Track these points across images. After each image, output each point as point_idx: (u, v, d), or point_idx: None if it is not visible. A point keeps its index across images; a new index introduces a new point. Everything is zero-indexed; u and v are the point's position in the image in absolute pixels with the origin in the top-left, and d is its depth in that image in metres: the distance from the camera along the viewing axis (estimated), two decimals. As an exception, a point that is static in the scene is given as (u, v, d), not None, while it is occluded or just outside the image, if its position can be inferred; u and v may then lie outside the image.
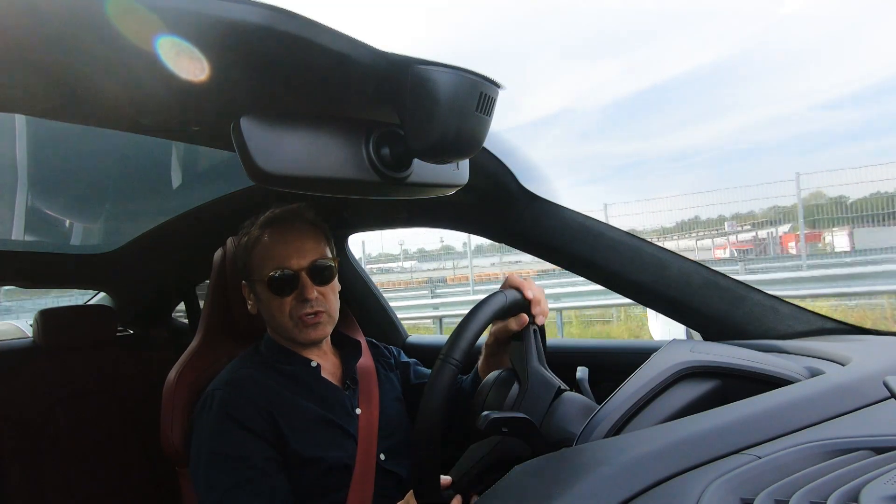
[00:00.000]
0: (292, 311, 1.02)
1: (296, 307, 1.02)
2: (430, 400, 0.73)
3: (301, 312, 1.02)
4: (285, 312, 1.02)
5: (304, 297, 1.01)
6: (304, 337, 1.04)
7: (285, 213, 1.06)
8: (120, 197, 1.60)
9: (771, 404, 0.62)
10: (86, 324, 1.68)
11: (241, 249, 1.07)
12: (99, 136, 1.19)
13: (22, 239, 1.69)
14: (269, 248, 1.03)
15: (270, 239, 1.04)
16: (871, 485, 0.39)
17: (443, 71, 0.54)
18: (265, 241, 1.04)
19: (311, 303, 1.02)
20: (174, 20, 0.45)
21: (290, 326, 1.03)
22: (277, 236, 1.04)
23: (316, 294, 1.02)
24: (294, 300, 1.02)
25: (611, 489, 0.46)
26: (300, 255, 1.02)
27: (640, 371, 0.76)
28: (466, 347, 0.75)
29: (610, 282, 1.14)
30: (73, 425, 1.61)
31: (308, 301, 1.02)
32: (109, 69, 0.48)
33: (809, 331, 1.05)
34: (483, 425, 0.73)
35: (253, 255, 1.05)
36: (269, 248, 1.03)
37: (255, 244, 1.05)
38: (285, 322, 1.03)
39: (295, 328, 1.03)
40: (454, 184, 0.73)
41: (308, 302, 1.02)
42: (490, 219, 1.20)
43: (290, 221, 1.06)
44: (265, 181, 0.54)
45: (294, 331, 1.03)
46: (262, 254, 1.04)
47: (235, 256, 1.11)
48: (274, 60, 0.52)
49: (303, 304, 1.02)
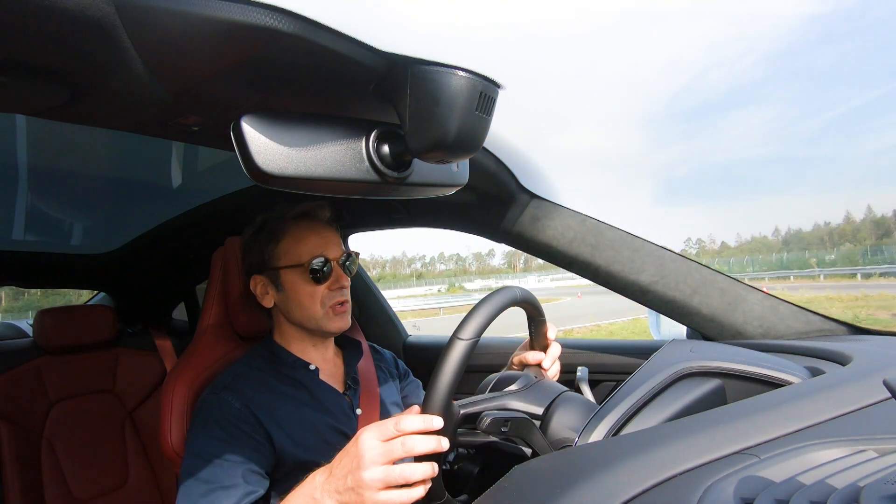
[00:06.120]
0: (324, 298, 1.04)
1: (328, 295, 1.04)
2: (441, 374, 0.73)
3: (333, 301, 1.05)
4: (317, 300, 1.04)
5: (339, 284, 1.05)
6: (333, 325, 1.06)
7: (313, 209, 1.09)
8: (120, 197, 1.60)
9: (771, 404, 0.62)
10: (86, 324, 1.68)
11: (263, 241, 1.07)
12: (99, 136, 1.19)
13: (22, 239, 1.69)
14: (304, 236, 1.05)
15: (304, 229, 1.06)
16: (871, 485, 0.39)
17: (443, 71, 0.54)
18: (297, 230, 1.06)
19: (343, 291, 1.06)
20: (174, 20, 0.45)
21: (320, 315, 1.05)
22: (310, 227, 1.07)
23: (348, 283, 1.07)
24: (327, 288, 1.04)
25: (611, 489, 0.46)
26: (333, 246, 1.06)
27: (640, 371, 0.76)
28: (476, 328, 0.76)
29: (610, 282, 1.14)
30: (73, 425, 1.61)
31: (343, 289, 1.05)
32: (110, 69, 0.48)
33: (809, 331, 1.05)
34: (483, 425, 0.73)
35: (281, 244, 1.06)
36: (304, 236, 1.05)
37: (284, 234, 1.06)
38: (316, 310, 1.04)
39: (324, 317, 1.05)
40: (454, 184, 0.73)
41: (342, 290, 1.05)
42: (490, 219, 1.20)
43: (318, 217, 1.09)
44: (265, 181, 0.55)
45: (323, 319, 1.05)
46: (295, 242, 1.05)
47: (249, 250, 1.10)
48: (274, 60, 0.52)
49: (337, 292, 1.05)
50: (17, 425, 1.50)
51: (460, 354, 0.73)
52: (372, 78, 0.58)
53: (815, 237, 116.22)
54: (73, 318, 1.67)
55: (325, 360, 1.12)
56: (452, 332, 0.75)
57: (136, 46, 0.46)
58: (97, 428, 1.65)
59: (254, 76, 0.55)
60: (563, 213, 1.14)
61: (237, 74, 0.54)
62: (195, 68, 0.52)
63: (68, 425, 1.60)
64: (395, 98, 0.57)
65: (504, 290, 0.84)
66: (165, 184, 1.46)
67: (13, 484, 1.44)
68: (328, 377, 1.09)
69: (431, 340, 1.78)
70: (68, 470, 1.57)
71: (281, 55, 0.51)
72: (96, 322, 1.71)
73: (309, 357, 1.09)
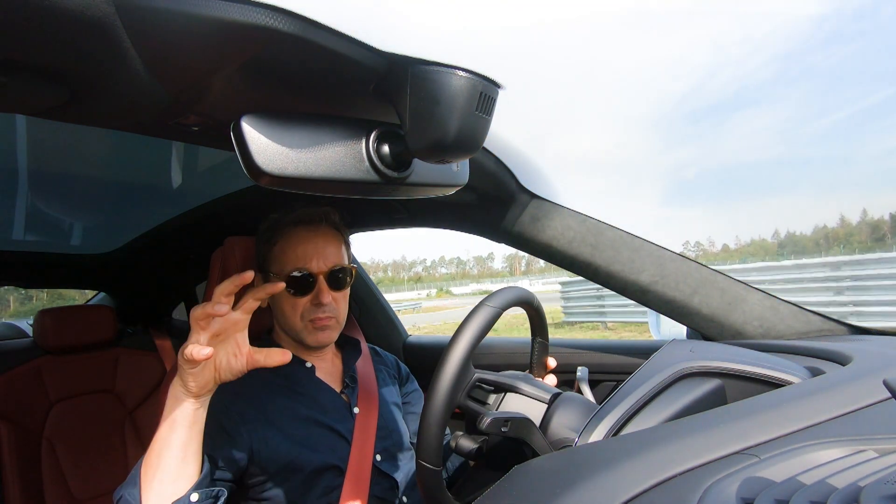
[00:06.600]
0: (304, 312, 1.02)
1: (309, 310, 1.02)
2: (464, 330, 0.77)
3: (313, 316, 1.02)
4: (297, 313, 1.02)
5: (319, 300, 1.02)
6: (313, 340, 1.04)
7: (313, 214, 1.06)
8: (120, 197, 1.60)
9: (771, 404, 0.62)
10: (86, 324, 1.68)
11: (263, 241, 1.07)
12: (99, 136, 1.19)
13: (22, 239, 1.69)
14: (292, 245, 1.03)
15: (295, 237, 1.04)
16: (871, 485, 0.39)
17: (443, 71, 0.54)
18: (290, 237, 1.04)
19: (324, 307, 1.02)
20: (174, 20, 0.45)
21: (299, 327, 1.03)
22: (302, 236, 1.04)
23: (330, 299, 1.02)
24: (309, 302, 1.02)
25: (611, 489, 0.46)
26: (322, 258, 1.02)
27: (640, 371, 0.76)
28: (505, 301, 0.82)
29: (610, 282, 1.14)
30: (73, 425, 1.61)
31: (322, 305, 1.02)
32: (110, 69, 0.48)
33: (809, 331, 1.05)
34: (483, 425, 0.73)
35: (275, 248, 1.04)
36: (292, 245, 1.03)
37: (278, 238, 1.04)
38: (296, 322, 1.03)
39: (304, 330, 1.03)
40: (454, 184, 0.73)
41: (322, 306, 1.02)
42: (490, 219, 1.20)
43: (316, 223, 1.06)
44: (265, 181, 0.55)
45: (303, 332, 1.03)
46: (284, 249, 1.03)
47: (256, 246, 1.10)
48: (274, 60, 0.52)
49: (316, 307, 1.02)
50: (17, 425, 1.50)
51: (486, 318, 0.77)
52: (372, 78, 0.58)
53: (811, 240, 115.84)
54: (73, 318, 1.67)
55: (323, 360, 1.12)
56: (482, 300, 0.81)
57: (136, 46, 0.46)
58: (97, 428, 1.65)
59: (254, 76, 0.55)
60: (563, 213, 1.14)
61: (237, 74, 0.54)
62: (195, 68, 0.52)
63: (68, 425, 1.60)
64: (395, 98, 0.57)
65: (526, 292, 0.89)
66: (165, 184, 1.46)
67: (13, 484, 1.44)
68: (325, 375, 1.09)
69: (431, 341, 1.78)
70: (68, 470, 1.57)
71: (281, 55, 0.51)
72: (96, 322, 1.71)
73: (305, 355, 1.09)
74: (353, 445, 1.02)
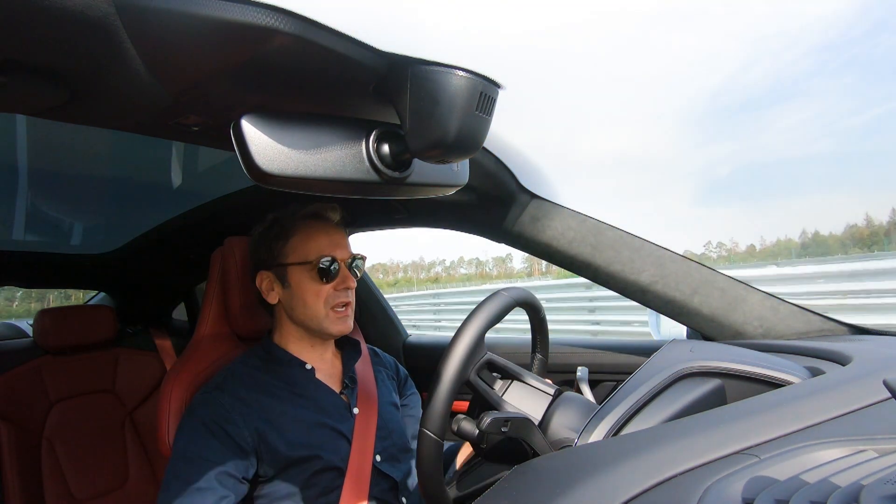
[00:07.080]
0: (329, 298, 1.05)
1: (333, 295, 1.05)
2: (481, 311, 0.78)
3: (337, 301, 1.05)
4: (321, 299, 1.05)
5: (345, 285, 1.05)
6: (334, 328, 1.06)
7: (324, 210, 1.10)
8: (120, 197, 1.60)
9: (771, 404, 0.62)
10: (86, 324, 1.68)
11: (272, 237, 1.08)
12: (99, 136, 1.19)
13: (22, 239, 1.69)
14: (313, 236, 1.06)
15: (314, 228, 1.07)
16: (871, 485, 0.39)
17: (443, 71, 0.54)
18: (308, 229, 1.07)
19: (349, 292, 1.06)
20: (174, 20, 0.45)
21: (322, 315, 1.05)
22: (320, 227, 1.08)
23: (355, 284, 1.07)
24: (333, 288, 1.05)
25: (611, 490, 0.46)
26: (342, 247, 1.07)
27: (640, 371, 0.76)
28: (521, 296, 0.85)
29: (610, 282, 1.14)
30: (73, 425, 1.61)
31: (348, 290, 1.06)
32: (110, 69, 0.48)
33: (809, 331, 1.05)
34: (483, 424, 0.73)
35: (292, 240, 1.07)
36: (313, 236, 1.06)
37: (294, 232, 1.07)
38: (319, 309, 1.05)
39: (326, 318, 1.05)
40: (454, 184, 0.73)
41: (348, 291, 1.06)
42: (490, 219, 1.20)
43: (329, 217, 1.10)
44: (265, 181, 0.54)
45: (326, 320, 1.05)
46: (304, 240, 1.06)
47: (257, 247, 1.11)
48: (274, 60, 0.52)
49: (342, 292, 1.05)
50: (17, 425, 1.50)
51: (501, 303, 0.80)
52: (372, 78, 0.58)
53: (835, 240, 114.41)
54: (73, 318, 1.67)
55: (323, 361, 1.12)
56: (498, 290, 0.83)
57: (136, 46, 0.46)
58: (97, 428, 1.65)
59: (254, 76, 0.55)
60: (563, 213, 1.14)
61: (237, 74, 0.54)
62: (195, 68, 0.52)
63: (68, 425, 1.60)
64: (395, 98, 0.57)
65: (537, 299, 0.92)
66: (165, 184, 1.46)
67: (13, 484, 1.44)
68: (325, 377, 1.09)
69: (431, 341, 1.78)
70: (68, 470, 1.57)
71: (281, 55, 0.51)
72: (96, 322, 1.71)
73: (306, 357, 1.09)
74: (354, 445, 1.02)
